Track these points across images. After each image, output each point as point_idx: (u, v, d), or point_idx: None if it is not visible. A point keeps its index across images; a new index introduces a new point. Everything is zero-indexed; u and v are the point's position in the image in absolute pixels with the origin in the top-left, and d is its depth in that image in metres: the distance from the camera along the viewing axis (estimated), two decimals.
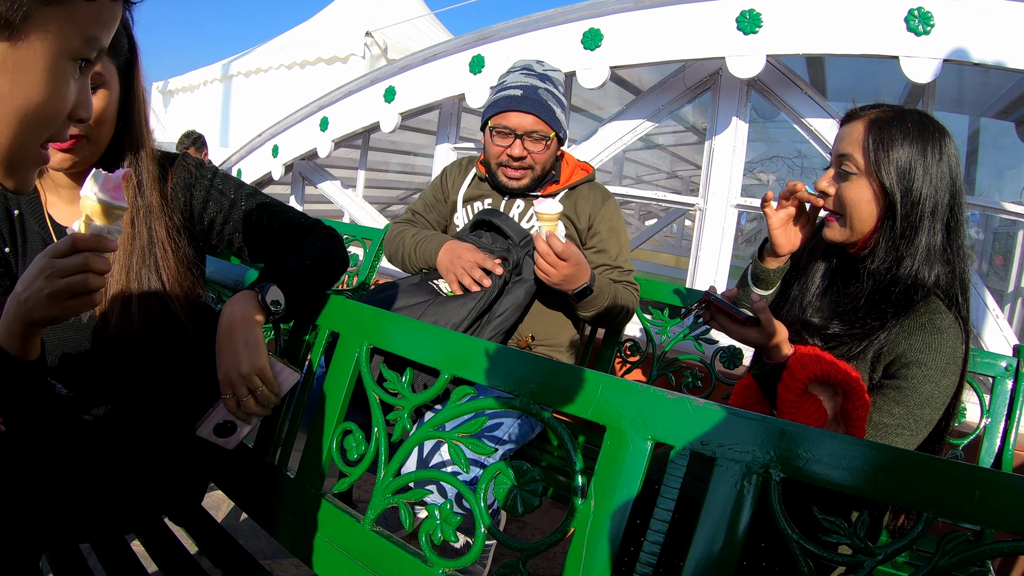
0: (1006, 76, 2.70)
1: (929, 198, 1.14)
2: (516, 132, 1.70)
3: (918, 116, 1.17)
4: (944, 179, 1.15)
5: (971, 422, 1.72)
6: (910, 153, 1.14)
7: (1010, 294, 4.08)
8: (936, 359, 1.11)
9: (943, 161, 1.15)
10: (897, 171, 1.14)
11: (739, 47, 2.51)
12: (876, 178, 1.16)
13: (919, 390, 1.11)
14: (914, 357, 1.12)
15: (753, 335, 1.21)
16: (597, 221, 1.78)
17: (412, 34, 6.47)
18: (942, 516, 0.69)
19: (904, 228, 1.15)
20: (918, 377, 1.12)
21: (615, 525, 0.84)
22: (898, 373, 1.14)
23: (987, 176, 4.47)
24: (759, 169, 7.91)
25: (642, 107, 3.02)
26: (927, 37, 2.19)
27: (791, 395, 1.09)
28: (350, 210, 4.20)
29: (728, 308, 1.22)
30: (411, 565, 1.00)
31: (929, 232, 1.15)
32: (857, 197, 1.19)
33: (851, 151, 1.19)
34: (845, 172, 1.20)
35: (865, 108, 1.22)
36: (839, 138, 1.23)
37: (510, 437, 1.56)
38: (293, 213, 1.32)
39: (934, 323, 1.13)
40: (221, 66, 7.18)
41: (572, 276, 1.55)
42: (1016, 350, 1.63)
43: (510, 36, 3.13)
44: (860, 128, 1.19)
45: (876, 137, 1.16)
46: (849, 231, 1.22)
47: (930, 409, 1.12)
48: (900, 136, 1.15)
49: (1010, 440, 1.59)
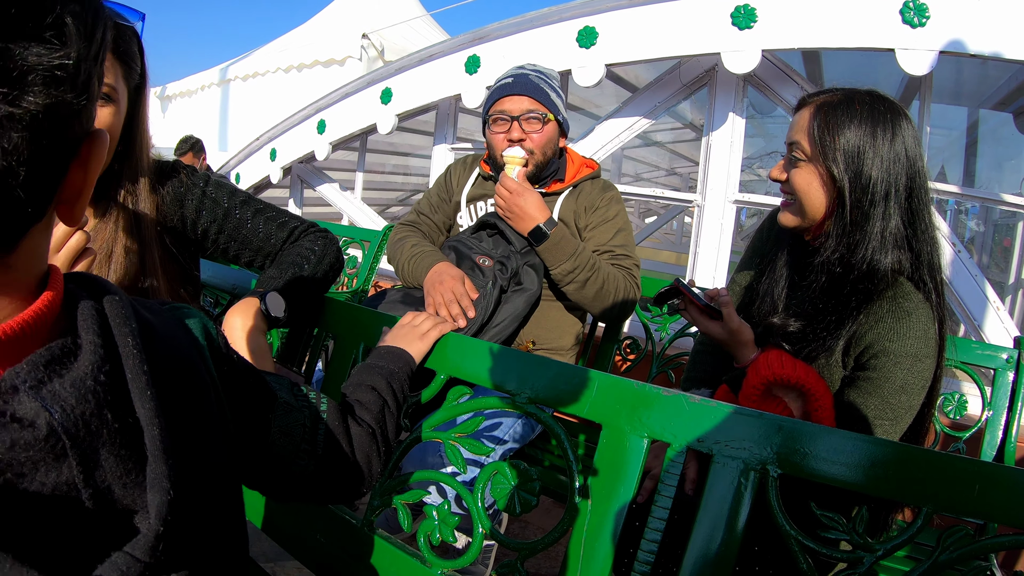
0: (1003, 67, 2.69)
1: (881, 181, 1.10)
2: (512, 115, 1.70)
3: (869, 98, 1.13)
4: (899, 161, 1.10)
5: (973, 415, 1.72)
6: (859, 136, 1.10)
7: (1010, 286, 4.07)
8: (905, 344, 1.07)
9: (896, 142, 1.10)
10: (845, 156, 1.10)
11: (734, 42, 2.50)
12: (823, 164, 1.13)
13: (891, 378, 1.08)
14: (882, 346, 1.09)
15: (716, 329, 1.20)
16: (591, 212, 1.78)
17: (408, 35, 6.47)
18: (942, 511, 0.68)
19: (855, 215, 1.11)
20: (888, 365, 1.08)
21: (613, 523, 0.83)
22: (868, 363, 1.11)
23: (986, 168, 4.45)
24: (757, 164, 7.90)
25: (639, 104, 3.02)
26: (922, 29, 2.18)
27: (748, 401, 1.09)
28: (349, 212, 4.20)
29: (694, 298, 1.21)
30: (410, 566, 1.00)
31: (883, 217, 1.10)
32: (806, 183, 1.16)
33: (798, 138, 1.16)
34: (794, 159, 1.17)
35: (814, 94, 1.19)
36: (790, 125, 1.20)
37: (511, 437, 1.56)
38: (288, 217, 1.31)
39: (901, 307, 1.09)
40: (219, 70, 7.18)
41: (522, 211, 1.64)
42: (1017, 342, 1.63)
43: (505, 36, 3.12)
44: (807, 114, 1.16)
45: (822, 122, 1.13)
46: (801, 217, 1.20)
47: (906, 396, 1.08)
48: (847, 119, 1.11)
49: (1012, 433, 1.59)
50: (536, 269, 1.68)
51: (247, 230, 1.26)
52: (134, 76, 1.07)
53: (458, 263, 1.71)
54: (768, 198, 2.84)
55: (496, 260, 1.66)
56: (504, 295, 1.64)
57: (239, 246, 1.26)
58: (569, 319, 1.82)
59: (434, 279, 1.63)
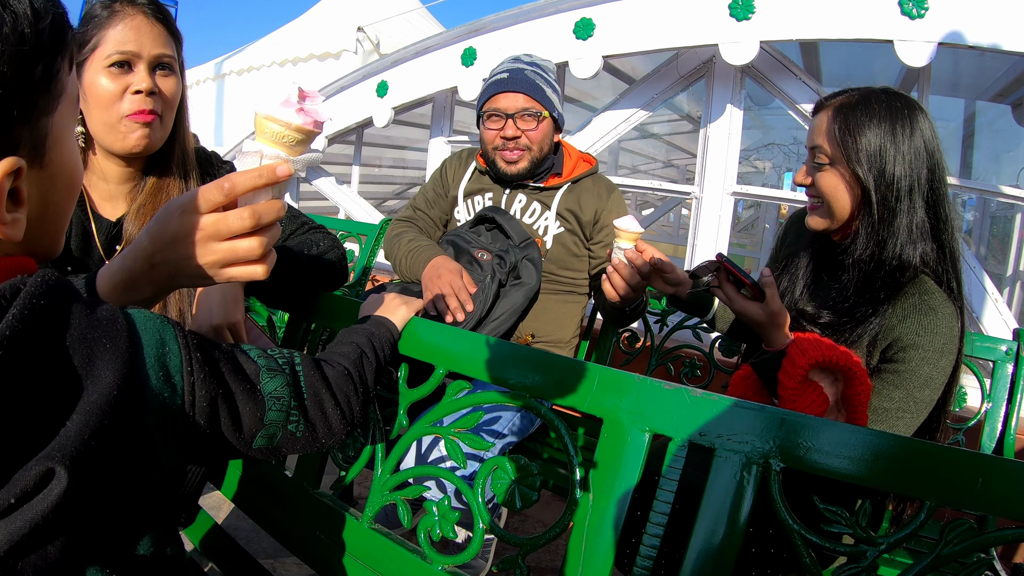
0: (1001, 59, 2.68)
1: (905, 177, 1.13)
2: (507, 113, 1.69)
3: (885, 96, 1.16)
4: (919, 155, 1.13)
5: (972, 407, 1.72)
6: (879, 135, 1.13)
7: (1009, 277, 4.08)
8: (933, 340, 1.11)
9: (915, 137, 1.13)
10: (867, 156, 1.13)
11: (732, 34, 2.48)
12: (847, 166, 1.16)
13: (918, 372, 1.11)
14: (911, 340, 1.12)
15: (755, 310, 1.19)
16: (604, 214, 1.76)
17: (404, 28, 6.42)
18: (945, 504, 0.68)
19: (882, 212, 1.14)
20: (916, 360, 1.11)
21: (615, 517, 0.83)
22: (896, 357, 1.13)
23: (984, 160, 4.45)
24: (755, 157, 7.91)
25: (636, 96, 3.00)
26: (921, 21, 2.17)
27: (792, 382, 1.08)
28: (345, 206, 4.18)
29: (740, 273, 1.20)
30: (410, 562, 0.99)
31: (909, 211, 1.13)
32: (832, 186, 1.19)
33: (820, 142, 1.19)
34: (818, 163, 1.20)
35: (831, 96, 1.22)
36: (810, 130, 1.23)
37: (510, 431, 1.55)
38: (301, 215, 1.34)
39: (927, 303, 1.12)
40: (213, 65, 7.13)
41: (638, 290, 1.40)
42: (1016, 334, 1.63)
43: (502, 28, 3.10)
44: (826, 117, 1.19)
45: (842, 125, 1.15)
46: (830, 219, 1.22)
47: (929, 391, 1.12)
48: (866, 119, 1.13)
49: (1011, 425, 1.59)
50: (535, 263, 1.67)
51: None
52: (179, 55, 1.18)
53: (456, 257, 1.70)
54: (766, 190, 2.84)
55: (495, 254, 1.66)
56: (503, 289, 1.63)
57: None
58: (568, 312, 1.82)
59: (432, 273, 1.62)
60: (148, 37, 1.10)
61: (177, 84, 1.16)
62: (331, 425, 0.80)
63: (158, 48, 1.12)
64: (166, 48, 1.13)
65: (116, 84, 1.09)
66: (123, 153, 1.14)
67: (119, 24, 1.08)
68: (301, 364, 0.78)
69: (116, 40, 1.08)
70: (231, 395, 0.65)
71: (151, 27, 1.11)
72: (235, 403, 0.66)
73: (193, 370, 0.59)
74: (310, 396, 0.77)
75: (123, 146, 1.12)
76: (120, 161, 1.17)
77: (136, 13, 1.10)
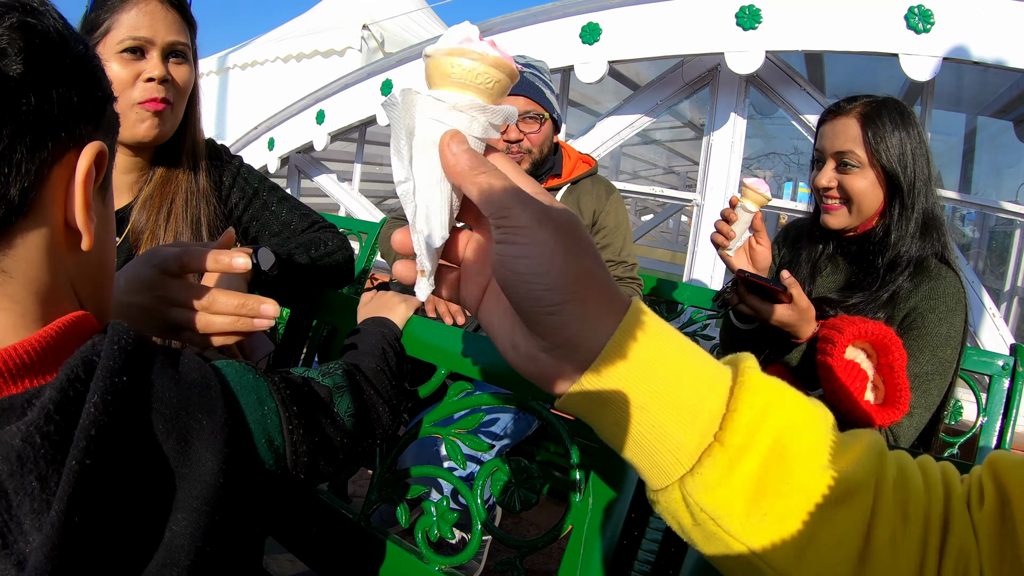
0: (1005, 75, 2.70)
1: (921, 171, 1.27)
2: None
3: (893, 102, 1.29)
4: (924, 151, 1.28)
5: (968, 421, 1.72)
6: (900, 138, 1.25)
7: (1007, 293, 4.09)
8: (945, 301, 1.23)
9: (920, 134, 1.28)
10: (897, 158, 1.25)
11: (738, 43, 2.49)
12: (879, 168, 1.27)
13: (937, 332, 1.22)
14: (925, 305, 1.24)
15: (785, 312, 1.24)
16: (602, 216, 1.76)
17: (409, 27, 6.43)
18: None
19: (911, 203, 1.27)
20: (933, 321, 1.23)
21: (612, 521, 0.83)
22: (914, 324, 1.24)
23: (984, 175, 4.46)
24: (756, 166, 7.91)
25: (640, 102, 3.01)
26: (927, 35, 2.18)
27: (839, 362, 1.15)
28: (346, 204, 4.18)
29: (764, 282, 1.21)
30: (408, 562, 0.99)
31: (925, 202, 1.28)
32: (863, 188, 1.28)
33: (851, 147, 1.28)
34: (847, 165, 1.29)
35: (848, 103, 1.31)
36: (830, 135, 1.31)
37: (507, 433, 1.55)
38: (312, 213, 1.34)
39: (930, 271, 1.26)
40: (217, 59, 7.11)
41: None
42: (1013, 349, 1.63)
43: (508, 30, 3.11)
44: (854, 124, 1.28)
45: (873, 131, 1.26)
46: (856, 217, 1.31)
47: (950, 349, 1.23)
48: (890, 125, 1.26)
49: (1007, 439, 1.59)
50: None
51: (270, 213, 1.28)
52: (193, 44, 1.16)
53: None
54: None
55: None
56: None
57: (259, 227, 1.28)
58: None
59: None
60: (162, 23, 1.07)
61: (190, 73, 1.13)
62: (384, 425, 0.80)
63: (172, 35, 1.09)
64: (180, 35, 1.10)
65: (128, 71, 1.06)
66: (132, 142, 1.11)
67: (133, 9, 1.05)
68: (355, 374, 0.78)
69: (129, 25, 1.05)
70: (325, 437, 0.62)
71: (166, 13, 1.08)
72: (329, 443, 0.63)
73: (293, 427, 0.55)
74: (369, 403, 0.77)
75: (133, 135, 1.09)
76: (128, 150, 1.14)
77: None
